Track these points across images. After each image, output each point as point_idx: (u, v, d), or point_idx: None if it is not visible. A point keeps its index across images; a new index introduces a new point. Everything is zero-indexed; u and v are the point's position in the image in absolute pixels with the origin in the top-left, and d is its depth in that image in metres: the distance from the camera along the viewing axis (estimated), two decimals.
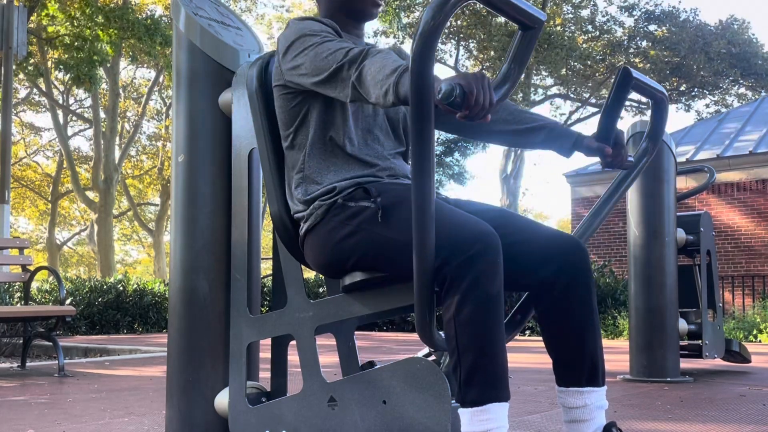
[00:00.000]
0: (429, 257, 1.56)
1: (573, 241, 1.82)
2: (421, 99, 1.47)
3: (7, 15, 11.68)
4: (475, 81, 1.45)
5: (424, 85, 1.46)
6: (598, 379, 1.79)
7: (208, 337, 2.13)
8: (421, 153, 1.51)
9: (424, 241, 1.55)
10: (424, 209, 1.54)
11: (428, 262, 1.57)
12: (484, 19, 24.24)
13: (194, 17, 2.21)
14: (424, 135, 1.50)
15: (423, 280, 1.59)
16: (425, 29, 1.46)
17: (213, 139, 2.17)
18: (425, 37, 1.46)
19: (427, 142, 1.50)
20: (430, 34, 1.46)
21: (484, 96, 1.45)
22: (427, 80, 1.47)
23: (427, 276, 1.58)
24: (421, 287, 1.59)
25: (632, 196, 4.70)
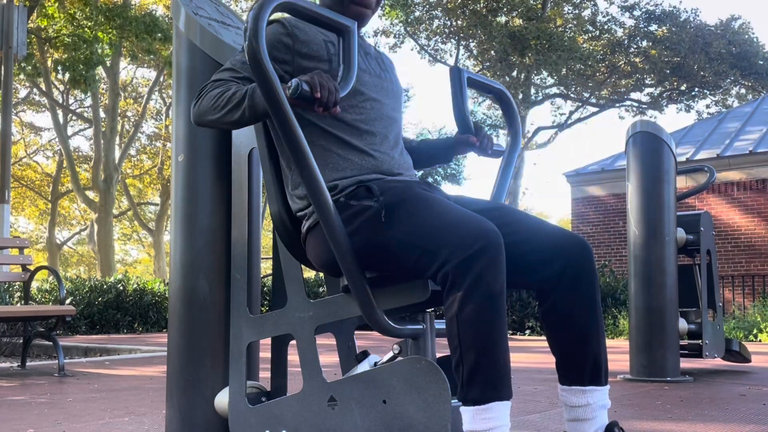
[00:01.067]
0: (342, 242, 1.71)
1: (577, 239, 1.81)
2: (271, 98, 1.65)
3: (7, 15, 11.68)
4: (317, 76, 1.67)
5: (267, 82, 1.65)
6: (600, 378, 1.79)
7: (208, 336, 2.13)
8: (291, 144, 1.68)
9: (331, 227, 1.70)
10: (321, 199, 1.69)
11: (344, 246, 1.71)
12: (485, 19, 24.23)
13: (194, 17, 2.21)
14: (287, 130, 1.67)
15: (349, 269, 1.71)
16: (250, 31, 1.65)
17: (213, 138, 2.17)
18: (251, 37, 1.65)
19: (292, 135, 1.68)
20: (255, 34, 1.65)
21: (329, 86, 1.66)
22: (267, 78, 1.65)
23: (351, 264, 1.72)
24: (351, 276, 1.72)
25: (632, 195, 4.70)
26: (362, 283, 1.72)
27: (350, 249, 1.72)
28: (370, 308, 1.72)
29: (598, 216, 15.99)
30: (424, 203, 1.73)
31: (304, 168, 1.68)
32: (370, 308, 1.72)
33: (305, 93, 1.65)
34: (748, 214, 14.32)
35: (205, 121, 1.89)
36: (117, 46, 18.35)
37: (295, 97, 1.64)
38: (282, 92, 1.66)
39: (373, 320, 1.73)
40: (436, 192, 1.94)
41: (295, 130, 1.68)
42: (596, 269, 1.83)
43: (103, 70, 23.84)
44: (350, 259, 1.72)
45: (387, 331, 1.74)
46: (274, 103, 1.66)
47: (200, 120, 1.91)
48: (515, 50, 23.86)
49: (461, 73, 2.11)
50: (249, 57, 1.65)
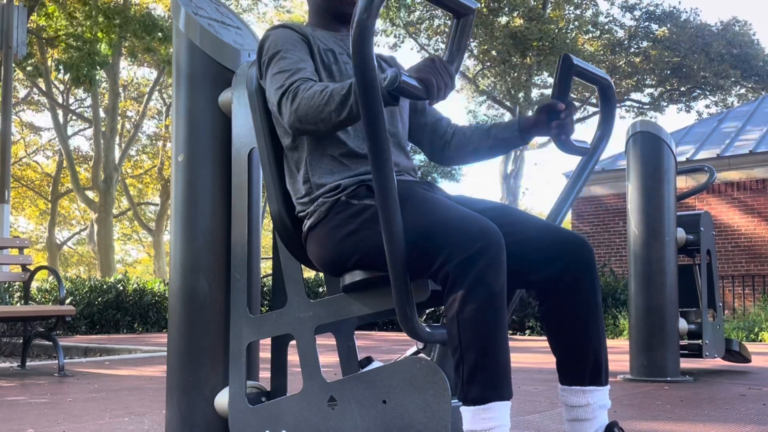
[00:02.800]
0: (399, 249, 1.60)
1: (578, 239, 1.81)
2: (366, 87, 1.53)
3: (7, 14, 11.67)
4: (431, 70, 1.59)
5: (367, 73, 1.53)
6: (601, 378, 1.79)
7: (208, 336, 2.13)
8: (376, 145, 1.56)
9: (392, 233, 1.60)
10: (387, 199, 1.58)
11: (399, 253, 1.60)
12: (486, 19, 24.23)
13: (194, 17, 2.21)
14: (374, 122, 1.55)
15: (397, 273, 1.61)
16: (360, 20, 1.52)
17: (213, 138, 2.17)
18: (360, 27, 1.52)
19: (377, 130, 1.55)
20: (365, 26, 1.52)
21: (443, 78, 1.61)
22: (369, 67, 1.52)
23: (400, 268, 1.61)
24: (397, 280, 1.61)
25: (632, 195, 4.70)
26: (406, 284, 1.63)
27: (404, 249, 1.62)
28: (408, 310, 1.64)
29: (598, 216, 15.99)
30: (425, 203, 1.73)
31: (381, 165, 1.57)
32: (407, 310, 1.64)
33: (405, 87, 1.54)
34: (748, 214, 14.32)
35: (308, 125, 1.76)
36: (117, 45, 18.34)
37: (391, 89, 1.54)
38: (378, 84, 1.54)
39: (406, 322, 1.65)
40: (437, 192, 1.94)
41: (383, 127, 1.56)
42: (597, 269, 1.83)
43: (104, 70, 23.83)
44: (401, 259, 1.62)
45: (418, 336, 1.68)
46: (368, 90, 1.53)
47: (303, 125, 1.77)
48: (516, 50, 23.87)
49: (571, 61, 1.97)
50: (356, 38, 1.51)
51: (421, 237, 1.67)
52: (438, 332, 1.75)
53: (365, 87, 1.53)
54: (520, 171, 26.16)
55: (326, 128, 1.74)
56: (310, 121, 1.74)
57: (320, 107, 1.71)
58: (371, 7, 1.51)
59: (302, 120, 1.76)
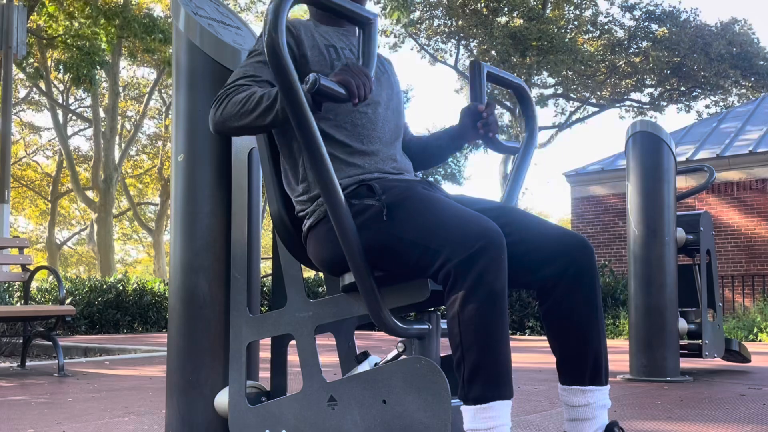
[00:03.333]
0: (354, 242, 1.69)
1: (578, 239, 1.81)
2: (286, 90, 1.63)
3: (6, 14, 11.67)
4: (346, 73, 1.69)
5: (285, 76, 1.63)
6: (601, 378, 1.79)
7: (208, 336, 2.13)
8: (307, 142, 1.66)
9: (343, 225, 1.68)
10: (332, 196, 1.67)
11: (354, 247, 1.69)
12: (485, 19, 24.23)
13: (194, 17, 2.21)
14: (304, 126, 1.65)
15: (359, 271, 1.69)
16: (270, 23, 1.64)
17: (213, 138, 2.17)
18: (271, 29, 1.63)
19: (307, 131, 1.65)
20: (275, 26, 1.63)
21: (361, 78, 1.69)
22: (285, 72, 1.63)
23: (359, 265, 1.69)
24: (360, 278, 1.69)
25: (632, 195, 4.70)
26: (370, 282, 1.70)
27: (360, 247, 1.70)
28: (378, 308, 1.70)
29: (598, 216, 15.98)
30: (426, 202, 1.73)
31: (318, 166, 1.66)
32: (377, 308, 1.70)
33: (325, 89, 1.63)
34: (748, 214, 14.32)
35: (229, 127, 1.85)
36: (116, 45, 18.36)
37: (313, 92, 1.63)
38: (299, 87, 1.64)
39: (379, 320, 1.71)
40: (437, 191, 1.94)
41: (311, 126, 1.65)
42: (597, 269, 1.83)
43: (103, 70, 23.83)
44: (359, 258, 1.70)
45: (393, 331, 1.72)
46: (291, 98, 1.64)
47: (223, 127, 1.86)
48: (516, 50, 23.86)
49: (481, 67, 2.09)
50: (268, 49, 1.62)
51: (422, 236, 1.67)
52: (413, 327, 1.77)
53: (286, 91, 1.63)
54: None
55: (247, 131, 1.84)
56: (230, 124, 1.84)
57: (244, 112, 1.80)
58: (277, 21, 1.63)
59: (222, 125, 1.86)
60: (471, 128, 2.07)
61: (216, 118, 1.87)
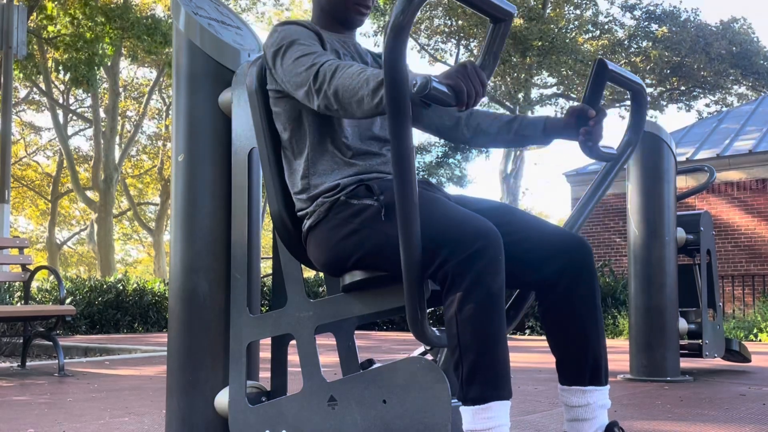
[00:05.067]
0: (415, 252, 1.57)
1: (577, 239, 1.81)
2: (395, 92, 1.50)
3: (6, 14, 11.67)
4: (462, 76, 1.53)
5: (397, 78, 1.49)
6: (600, 378, 1.79)
7: (208, 336, 2.13)
8: (400, 148, 1.53)
9: (410, 236, 1.57)
10: (408, 204, 1.55)
11: (415, 256, 1.58)
12: (486, 19, 24.19)
13: (194, 17, 2.21)
14: (400, 130, 1.53)
15: (411, 275, 1.59)
16: (396, 23, 1.48)
17: (213, 138, 2.17)
18: (396, 30, 1.48)
19: (403, 137, 1.53)
20: (401, 28, 1.48)
21: (474, 86, 1.54)
22: (400, 73, 1.50)
23: (414, 271, 1.59)
24: (410, 282, 1.60)
25: (632, 195, 4.70)
26: (420, 289, 1.61)
27: (419, 252, 1.60)
28: (418, 314, 1.62)
29: (598, 216, 15.98)
30: (424, 203, 1.73)
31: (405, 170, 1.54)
32: (418, 313, 1.62)
33: (435, 93, 1.49)
34: (748, 214, 14.32)
35: (342, 104, 1.66)
36: (117, 45, 18.36)
37: (423, 95, 1.49)
38: (407, 92, 1.51)
39: (416, 326, 1.64)
40: (436, 192, 1.94)
41: (409, 131, 1.53)
42: (596, 269, 1.83)
43: (104, 70, 23.84)
44: (416, 263, 1.59)
45: (427, 340, 1.67)
46: (397, 95, 1.50)
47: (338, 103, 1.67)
48: (516, 50, 23.86)
49: (605, 66, 1.93)
50: (390, 38, 1.48)
51: (420, 236, 1.67)
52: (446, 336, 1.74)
53: (395, 90, 1.50)
54: (520, 171, 26.13)
55: (356, 112, 1.65)
56: (346, 100, 1.65)
57: (358, 87, 1.62)
58: (408, 11, 1.47)
59: (339, 97, 1.66)
60: (573, 129, 1.93)
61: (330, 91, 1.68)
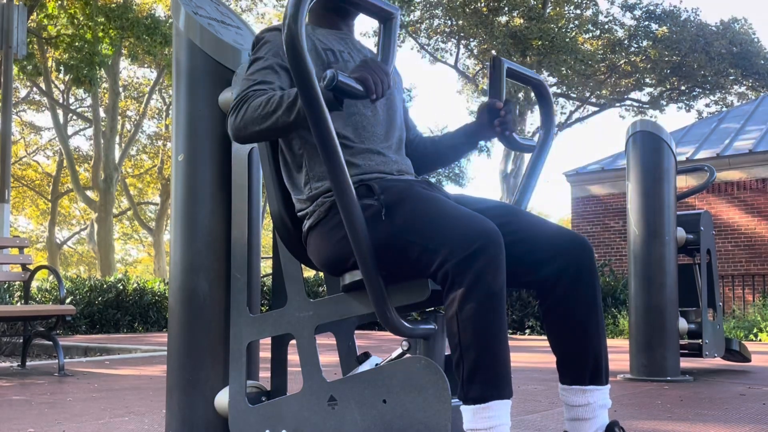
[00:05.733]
0: (364, 242, 1.67)
1: (578, 238, 1.81)
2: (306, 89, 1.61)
3: (6, 14, 11.67)
4: (365, 69, 1.67)
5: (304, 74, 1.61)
6: (601, 378, 1.79)
7: (208, 336, 2.13)
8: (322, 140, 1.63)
9: (356, 231, 1.66)
10: (345, 197, 1.65)
11: (365, 248, 1.67)
12: (485, 19, 24.22)
13: (194, 16, 2.21)
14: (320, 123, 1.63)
15: (368, 270, 1.66)
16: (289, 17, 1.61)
17: (213, 138, 2.17)
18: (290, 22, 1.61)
19: (323, 129, 1.63)
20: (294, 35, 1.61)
21: (379, 75, 1.67)
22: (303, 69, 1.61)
23: (368, 264, 1.67)
24: (369, 277, 1.67)
25: (632, 195, 4.70)
26: (378, 282, 1.69)
27: (370, 246, 1.68)
28: (384, 307, 1.69)
29: (598, 215, 15.98)
30: (425, 202, 1.73)
31: (333, 164, 1.63)
32: (383, 307, 1.69)
33: (343, 85, 1.61)
34: (748, 214, 14.31)
35: (251, 132, 1.80)
36: (117, 45, 18.36)
37: (330, 88, 1.61)
38: (317, 83, 1.61)
39: (385, 319, 1.69)
40: (436, 191, 1.94)
41: (327, 123, 1.62)
42: (597, 268, 1.83)
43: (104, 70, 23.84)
44: (369, 256, 1.67)
45: (399, 331, 1.71)
46: (308, 94, 1.61)
47: (245, 132, 1.82)
48: (516, 50, 23.86)
49: (501, 63, 2.07)
50: (287, 43, 1.59)
51: (421, 236, 1.67)
52: (419, 327, 1.77)
53: (304, 88, 1.60)
54: (520, 171, 26.10)
55: (270, 134, 1.80)
56: (252, 128, 1.80)
57: (266, 114, 1.76)
58: (297, 13, 1.60)
59: (244, 130, 1.81)
60: (488, 126, 2.05)
61: (237, 123, 1.82)
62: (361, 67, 1.68)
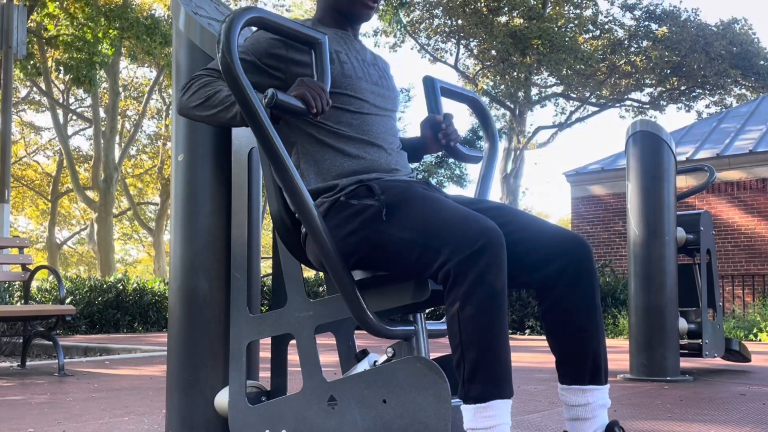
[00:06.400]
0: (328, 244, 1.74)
1: (577, 238, 1.81)
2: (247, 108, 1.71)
3: (6, 14, 11.67)
4: (303, 87, 1.75)
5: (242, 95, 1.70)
6: (600, 378, 1.79)
7: (208, 336, 2.13)
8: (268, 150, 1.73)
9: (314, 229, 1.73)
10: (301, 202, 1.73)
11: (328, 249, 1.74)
12: (485, 19, 24.23)
13: (194, 16, 2.21)
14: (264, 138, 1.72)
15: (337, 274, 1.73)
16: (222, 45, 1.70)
17: (213, 138, 2.17)
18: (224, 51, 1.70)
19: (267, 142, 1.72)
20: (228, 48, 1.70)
21: (316, 91, 1.75)
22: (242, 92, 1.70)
23: (337, 267, 1.73)
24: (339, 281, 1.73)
25: (632, 195, 4.70)
26: (350, 285, 1.74)
27: (335, 249, 1.75)
28: (360, 310, 1.74)
29: (598, 215, 15.98)
30: (425, 202, 1.73)
31: (282, 172, 1.73)
32: (359, 310, 1.74)
33: (283, 103, 1.71)
34: (748, 214, 14.32)
35: (193, 114, 1.92)
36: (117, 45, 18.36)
37: (271, 107, 1.71)
38: (256, 102, 1.71)
39: (362, 321, 1.74)
40: (436, 192, 1.94)
41: (271, 137, 1.72)
42: (596, 269, 1.83)
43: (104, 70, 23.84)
44: (335, 260, 1.74)
45: (377, 333, 1.75)
46: (250, 112, 1.71)
47: (187, 112, 1.94)
48: (516, 50, 23.86)
49: (434, 83, 2.18)
50: (223, 70, 1.69)
51: (422, 236, 1.67)
52: (398, 328, 1.78)
53: (244, 106, 1.71)
54: (520, 171, 26.13)
55: (209, 123, 1.92)
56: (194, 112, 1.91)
57: (207, 105, 1.87)
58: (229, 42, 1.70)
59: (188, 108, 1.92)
60: (433, 140, 2.14)
61: (182, 102, 1.94)
62: (299, 85, 1.76)
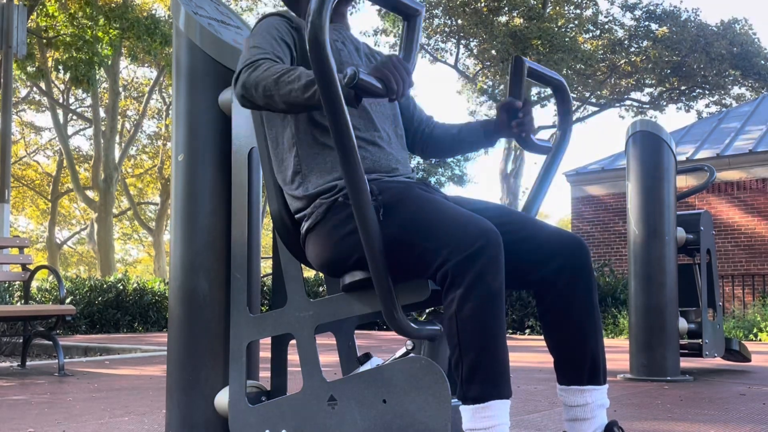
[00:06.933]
0: (377, 245, 1.65)
1: (574, 239, 1.82)
2: (326, 84, 1.57)
3: (6, 14, 11.67)
4: (387, 68, 1.61)
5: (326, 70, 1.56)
6: (599, 378, 1.79)
7: (208, 336, 2.13)
8: (340, 136, 1.60)
9: (368, 230, 1.64)
10: (360, 195, 1.62)
11: (376, 248, 1.64)
12: (485, 19, 24.23)
13: (194, 16, 2.21)
14: (338, 120, 1.59)
15: (377, 270, 1.65)
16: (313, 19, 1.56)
17: (213, 138, 2.17)
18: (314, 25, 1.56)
19: (342, 126, 1.59)
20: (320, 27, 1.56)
21: (401, 74, 1.62)
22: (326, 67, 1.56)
23: (378, 264, 1.65)
24: (378, 278, 1.65)
25: (632, 195, 4.70)
26: (387, 282, 1.67)
27: (381, 245, 1.66)
28: (392, 307, 1.68)
29: (598, 215, 15.98)
30: (424, 203, 1.73)
31: (349, 161, 1.61)
32: (391, 307, 1.67)
33: (364, 83, 1.57)
34: (748, 214, 14.32)
35: (260, 93, 1.72)
36: (117, 45, 18.37)
37: (351, 86, 1.57)
38: (338, 80, 1.57)
39: (392, 320, 1.68)
40: (434, 192, 1.94)
41: (345, 121, 1.58)
42: (593, 269, 1.83)
43: (104, 70, 23.84)
44: (379, 256, 1.65)
45: (405, 332, 1.71)
46: (329, 91, 1.57)
47: (255, 91, 1.73)
48: (516, 50, 23.86)
49: (523, 64, 2.05)
50: (311, 39, 1.54)
51: (420, 237, 1.67)
52: (425, 329, 1.77)
53: (326, 84, 1.56)
54: (520, 171, 26.14)
55: (276, 103, 1.72)
56: (261, 93, 1.72)
57: (282, 82, 1.69)
58: (322, 8, 1.56)
59: (254, 87, 1.73)
60: (506, 125, 2.05)
61: (248, 80, 1.74)
62: (384, 66, 1.62)
